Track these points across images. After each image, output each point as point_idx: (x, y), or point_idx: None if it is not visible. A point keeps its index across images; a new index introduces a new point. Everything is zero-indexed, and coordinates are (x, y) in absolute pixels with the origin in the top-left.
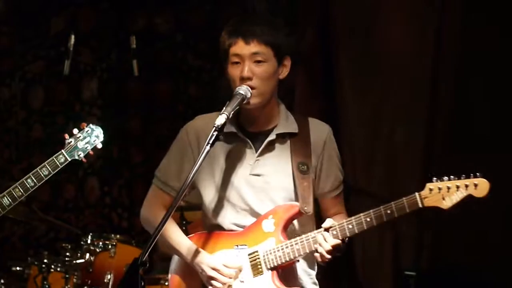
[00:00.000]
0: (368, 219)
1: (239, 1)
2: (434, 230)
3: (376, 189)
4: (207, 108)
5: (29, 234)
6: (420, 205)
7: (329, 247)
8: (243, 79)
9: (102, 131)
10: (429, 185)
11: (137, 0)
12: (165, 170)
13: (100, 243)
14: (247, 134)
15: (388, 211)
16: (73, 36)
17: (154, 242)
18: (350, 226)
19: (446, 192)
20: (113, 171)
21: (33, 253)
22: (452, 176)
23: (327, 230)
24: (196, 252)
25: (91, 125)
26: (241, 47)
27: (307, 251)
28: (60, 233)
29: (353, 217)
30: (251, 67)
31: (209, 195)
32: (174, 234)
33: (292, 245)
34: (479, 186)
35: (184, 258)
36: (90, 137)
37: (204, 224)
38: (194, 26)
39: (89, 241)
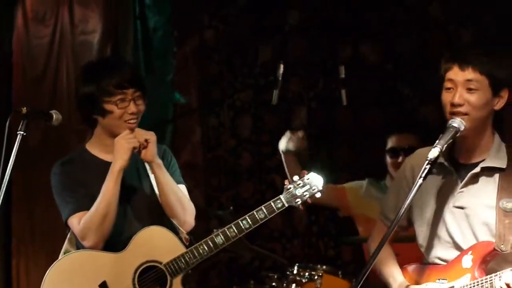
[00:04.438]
0: None
1: (442, 29)
2: None
3: None
4: None
5: (234, 262)
6: None
7: None
8: (454, 105)
9: (322, 180)
10: None
11: (345, 28)
12: (385, 204)
13: (306, 273)
14: (456, 164)
15: None
16: (282, 66)
17: (366, 274)
18: None
19: None
20: None
21: (238, 281)
22: None
23: None
24: (401, 284)
25: (311, 173)
26: (455, 73)
27: None
28: (266, 262)
29: None
30: (463, 94)
31: (420, 227)
32: (386, 264)
33: (482, 284)
34: None
35: None
36: (310, 186)
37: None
38: (400, 55)
39: (295, 272)
